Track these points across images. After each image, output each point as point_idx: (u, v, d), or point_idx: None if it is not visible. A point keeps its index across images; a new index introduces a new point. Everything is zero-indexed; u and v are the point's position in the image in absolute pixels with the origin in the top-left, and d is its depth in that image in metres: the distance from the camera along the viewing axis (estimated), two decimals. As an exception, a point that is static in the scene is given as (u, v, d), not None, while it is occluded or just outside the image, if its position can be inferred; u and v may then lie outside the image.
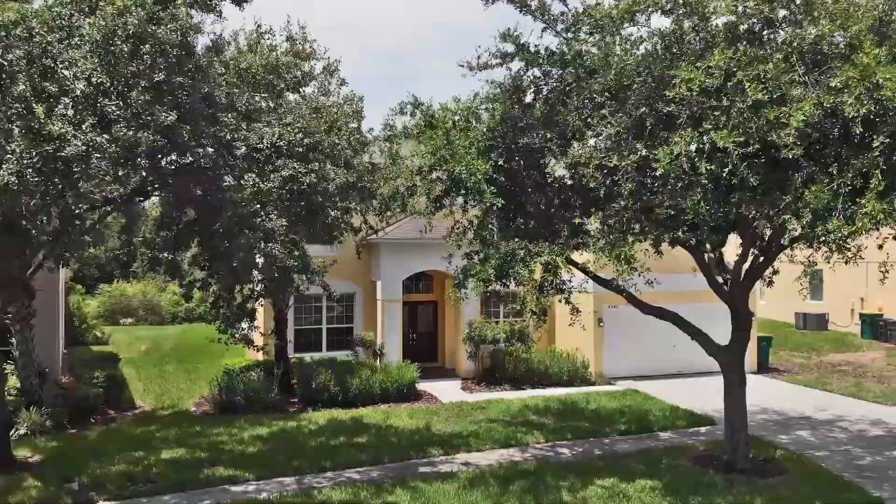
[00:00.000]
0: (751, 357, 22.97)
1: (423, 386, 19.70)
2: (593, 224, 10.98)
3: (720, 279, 12.92)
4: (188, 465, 13.06)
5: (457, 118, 11.25)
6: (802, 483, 11.85)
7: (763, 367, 23.29)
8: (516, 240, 11.06)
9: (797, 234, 9.96)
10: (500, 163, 11.30)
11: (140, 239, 15.75)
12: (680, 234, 10.22)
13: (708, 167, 8.08)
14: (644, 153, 8.71)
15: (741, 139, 8.11)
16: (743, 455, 12.38)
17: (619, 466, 12.80)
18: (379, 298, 21.08)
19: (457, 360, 22.22)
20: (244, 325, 13.55)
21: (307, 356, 20.07)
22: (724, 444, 13.08)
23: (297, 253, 12.77)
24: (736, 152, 7.89)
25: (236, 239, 11.58)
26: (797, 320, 32.32)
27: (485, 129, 11.54)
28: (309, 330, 21.91)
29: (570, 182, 12.06)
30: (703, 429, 15.76)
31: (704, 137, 8.32)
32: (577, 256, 13.34)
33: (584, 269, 13.84)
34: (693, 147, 8.28)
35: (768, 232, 11.08)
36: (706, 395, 18.81)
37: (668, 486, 11.61)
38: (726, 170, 8.00)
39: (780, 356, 25.36)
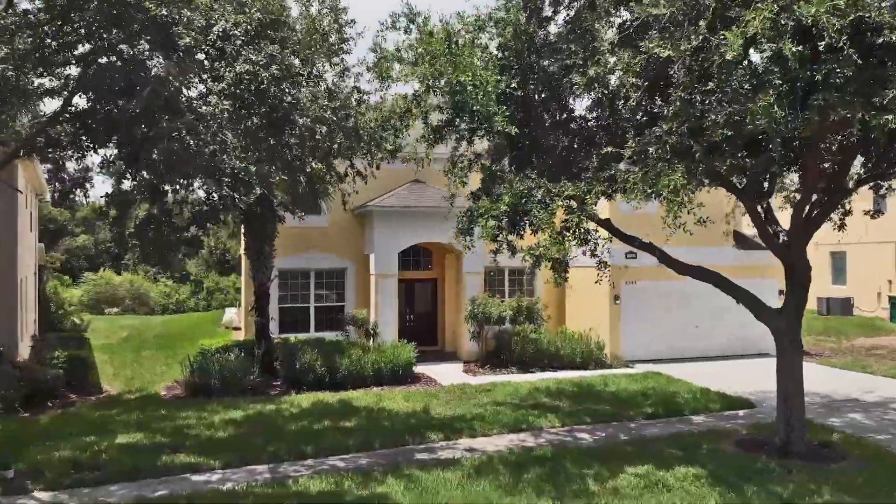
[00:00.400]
0: (779, 339, 21.01)
1: (421, 369, 17.78)
2: (628, 155, 8.95)
3: (771, 230, 10.97)
4: (145, 451, 11.14)
5: (461, 30, 9.27)
6: (871, 469, 9.93)
7: (792, 351, 21.33)
8: (533, 177, 9.09)
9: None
10: (512, 85, 9.36)
11: (131, 231, 13.75)
12: (735, 162, 8.23)
13: (793, 49, 6.13)
14: (704, 37, 6.75)
15: (835, 17, 6.17)
16: (799, 437, 10.46)
17: (651, 452, 10.87)
18: (372, 273, 19.12)
19: (458, 343, 20.27)
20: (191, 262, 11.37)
21: (293, 337, 18.14)
22: (775, 427, 11.16)
23: (253, 168, 10.34)
24: (833, 25, 5.95)
25: (157, 123, 9.31)
26: (819, 306, 30.35)
27: (495, 49, 9.60)
28: (295, 309, 19.94)
29: (596, 114, 10.09)
30: (740, 412, 13.82)
31: (783, 17, 6.37)
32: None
33: (606, 224, 11.86)
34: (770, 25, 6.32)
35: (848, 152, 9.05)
36: (737, 379, 16.93)
37: (713, 474, 9.68)
38: (818, 50, 6.05)
39: (806, 341, 23.38)
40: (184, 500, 9.23)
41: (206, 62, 9.07)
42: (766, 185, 10.57)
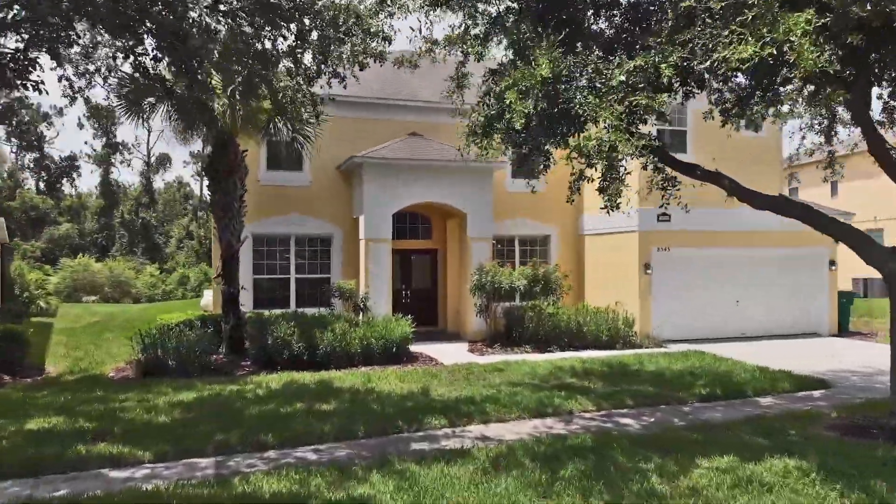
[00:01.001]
0: (829, 317, 18.37)
1: (419, 348, 15.11)
2: (718, 7, 6.16)
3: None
4: (59, 439, 8.46)
5: None
6: None
7: (844, 330, 18.69)
8: (578, 50, 6.37)
9: None
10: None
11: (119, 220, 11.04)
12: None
13: None
14: None
15: None
16: (926, 419, 7.79)
17: (725, 440, 8.19)
18: (362, 238, 16.41)
19: (462, 322, 17.57)
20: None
21: (269, 312, 15.42)
22: (876, 407, 8.53)
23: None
24: None
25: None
26: (856, 287, 27.75)
27: None
28: (273, 281, 17.24)
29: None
30: (815, 393, 11.16)
31: None
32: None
33: (658, 151, 9.13)
34: None
35: None
36: (794, 357, 14.28)
37: (824, 467, 7.00)
38: None
39: (852, 322, 20.75)
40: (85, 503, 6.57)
41: None
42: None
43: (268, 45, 9.21)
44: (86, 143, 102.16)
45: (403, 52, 10.30)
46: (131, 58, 9.04)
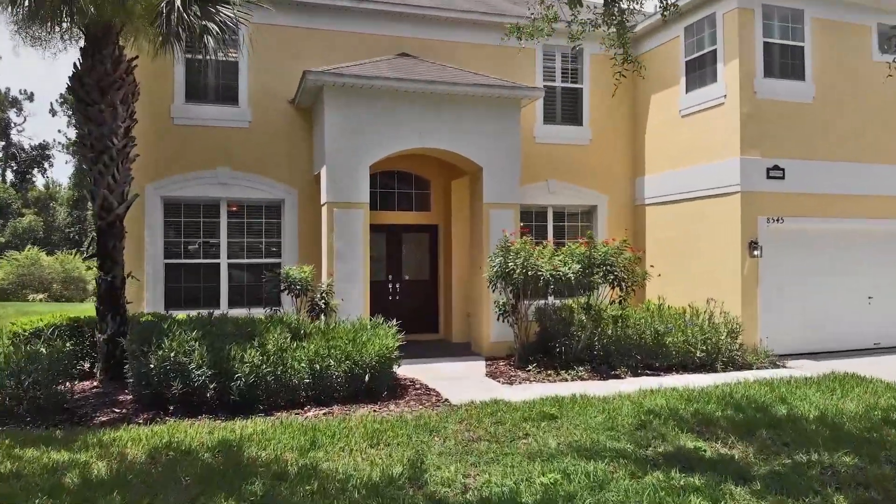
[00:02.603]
0: None
1: (411, 370, 9.71)
2: None
3: None
4: None
5: None
6: None
7: None
8: None
9: None
10: None
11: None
12: None
13: None
14: None
15: None
16: None
17: None
18: (325, 201, 10.90)
19: (476, 329, 12.09)
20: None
21: (187, 314, 9.82)
22: None
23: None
24: None
25: None
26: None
27: None
28: (195, 270, 11.72)
29: None
30: None
31: None
32: None
33: None
34: None
35: None
36: None
37: None
38: None
39: None
40: None
41: None
42: None
43: None
44: (59, 131, 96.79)
45: None
46: None
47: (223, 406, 7.69)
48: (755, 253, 11.16)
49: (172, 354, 7.73)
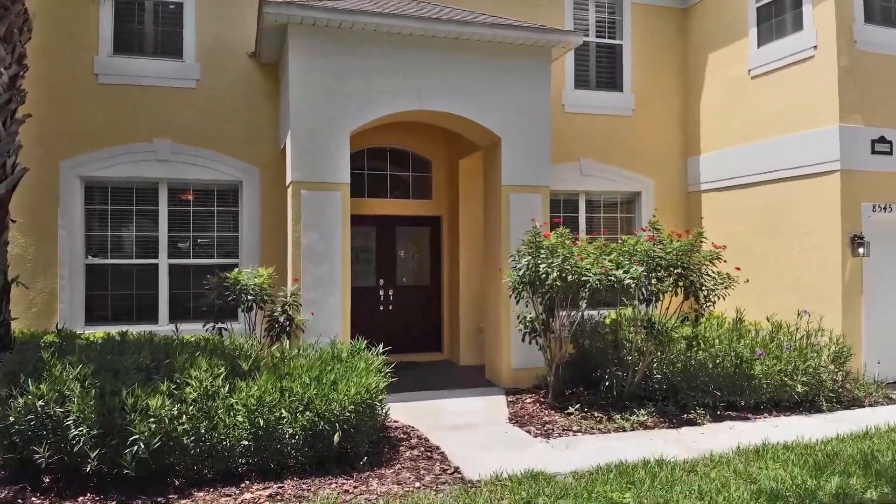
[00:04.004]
0: None
1: (404, 412, 7.05)
2: None
3: None
4: None
5: None
6: None
7: None
8: None
9: None
10: None
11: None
12: None
13: None
14: None
15: None
16: None
17: None
18: (290, 180, 8.16)
19: (493, 349, 9.35)
20: None
21: (117, 331, 7.09)
22: None
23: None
24: None
25: None
26: None
27: None
28: (126, 272, 9.00)
29: None
30: None
31: None
32: None
33: None
34: None
35: None
36: None
37: None
38: None
39: None
40: None
41: None
42: None
43: None
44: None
45: None
46: None
47: (119, 481, 5.02)
48: (859, 251, 8.46)
49: (41, 403, 5.08)
